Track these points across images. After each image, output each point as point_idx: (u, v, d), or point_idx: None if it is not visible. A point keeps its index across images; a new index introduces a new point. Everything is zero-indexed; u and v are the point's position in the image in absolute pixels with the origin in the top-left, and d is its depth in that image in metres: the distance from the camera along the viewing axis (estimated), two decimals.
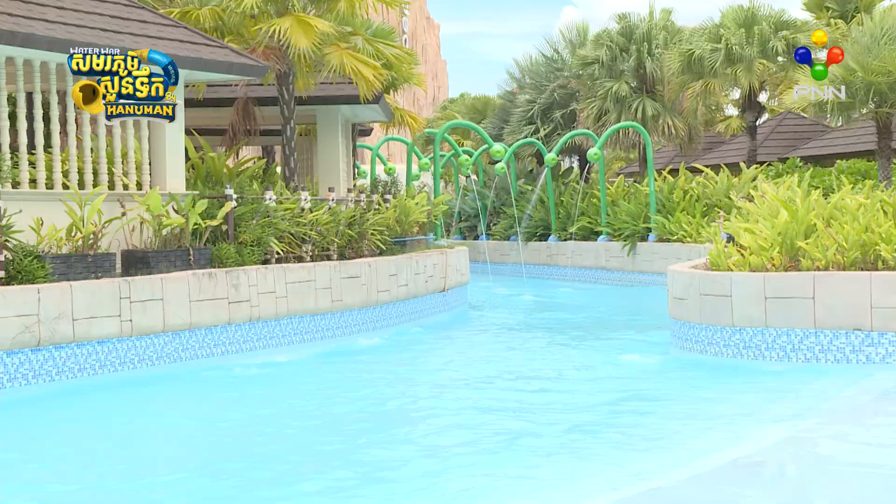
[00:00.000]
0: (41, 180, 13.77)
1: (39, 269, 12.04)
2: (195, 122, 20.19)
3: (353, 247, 17.64)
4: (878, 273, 12.16)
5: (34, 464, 8.47)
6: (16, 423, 10.05)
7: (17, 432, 9.69)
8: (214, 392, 11.91)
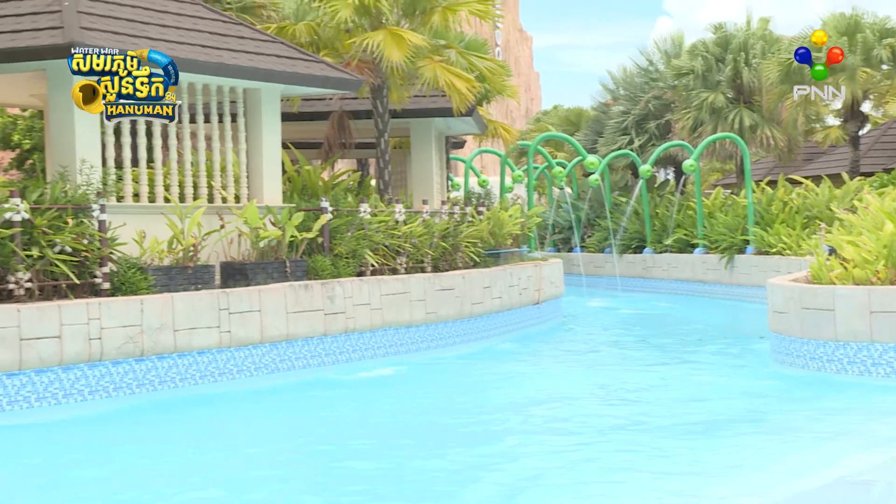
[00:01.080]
0: (144, 194, 14.14)
1: (142, 281, 12.37)
2: (291, 136, 20.52)
3: (446, 259, 17.72)
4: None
5: (151, 471, 8.68)
6: (125, 432, 10.29)
7: (129, 441, 9.92)
8: (312, 402, 12.06)
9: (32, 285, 11.41)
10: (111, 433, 10.26)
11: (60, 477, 8.43)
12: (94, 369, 11.33)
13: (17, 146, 23.94)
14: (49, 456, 9.26)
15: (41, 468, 8.76)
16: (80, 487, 8.07)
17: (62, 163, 13.25)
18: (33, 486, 8.14)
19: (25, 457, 9.19)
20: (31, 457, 9.20)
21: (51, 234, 11.70)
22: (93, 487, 8.09)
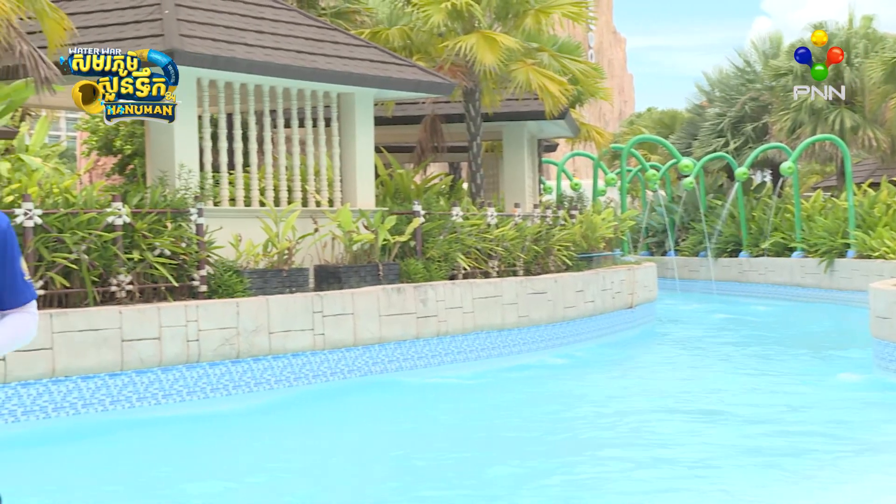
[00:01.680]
0: (240, 198, 14.39)
1: (238, 284, 12.58)
2: (384, 140, 20.68)
3: (538, 262, 17.67)
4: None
5: (250, 470, 8.83)
6: (227, 432, 10.48)
7: (232, 440, 10.10)
8: (406, 404, 12.13)
9: (133, 288, 11.69)
10: (219, 432, 10.42)
11: (160, 478, 8.62)
12: (192, 370, 11.56)
13: (118, 151, 24.54)
14: (154, 454, 9.47)
15: (145, 467, 8.97)
16: (190, 487, 8.24)
17: (162, 168, 13.55)
18: (151, 483, 8.33)
19: (139, 453, 9.42)
20: (139, 455, 9.42)
21: (151, 237, 11.97)
22: (195, 488, 8.25)
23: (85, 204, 11.84)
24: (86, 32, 13.78)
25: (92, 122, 25.71)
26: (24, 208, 10.95)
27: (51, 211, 11.34)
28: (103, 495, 7.89)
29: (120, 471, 8.70)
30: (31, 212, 10.97)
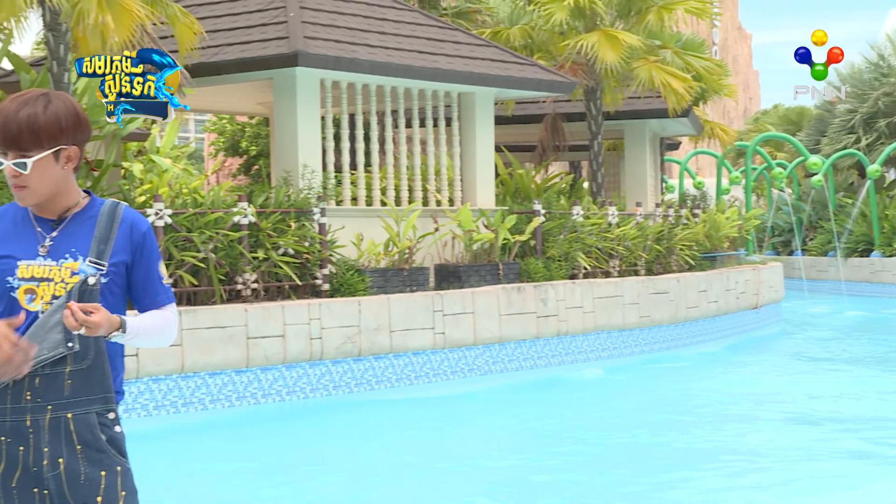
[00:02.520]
0: (361, 198, 14.58)
1: (360, 283, 12.74)
2: (504, 139, 20.70)
3: (660, 262, 17.46)
4: None
5: (372, 467, 8.95)
6: (347, 428, 10.62)
7: (353, 436, 10.25)
8: (527, 404, 12.11)
9: (258, 286, 11.94)
10: (339, 428, 10.58)
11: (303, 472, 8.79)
12: (315, 368, 11.76)
13: (244, 152, 25.14)
14: (303, 449, 9.66)
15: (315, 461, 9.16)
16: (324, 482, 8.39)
17: (286, 168, 13.82)
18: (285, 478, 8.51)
19: (266, 447, 9.62)
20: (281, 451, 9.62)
21: (275, 236, 12.21)
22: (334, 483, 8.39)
23: (212, 204, 12.15)
24: (214, 36, 14.14)
25: (220, 125, 26.38)
26: (155, 208, 11.29)
27: (180, 211, 11.66)
28: (236, 482, 8.09)
29: (249, 462, 8.89)
30: (162, 212, 11.31)
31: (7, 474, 3.21)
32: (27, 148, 3.14)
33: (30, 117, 3.13)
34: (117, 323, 3.20)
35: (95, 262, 3.23)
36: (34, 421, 3.20)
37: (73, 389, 3.22)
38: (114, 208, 3.32)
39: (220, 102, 18.32)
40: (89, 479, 3.22)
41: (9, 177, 3.17)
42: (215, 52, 13.98)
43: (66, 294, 3.19)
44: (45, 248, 3.23)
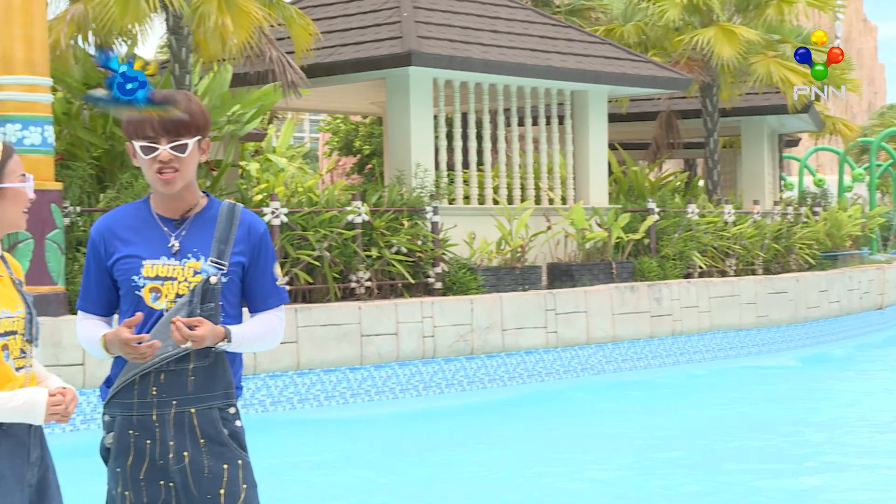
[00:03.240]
0: (474, 196, 14.64)
1: (472, 281, 12.79)
2: (618, 137, 20.53)
3: (778, 261, 17.12)
4: None
5: (507, 463, 9.00)
6: (462, 425, 10.68)
7: (467, 433, 10.30)
8: (640, 404, 12.01)
9: (372, 284, 12.09)
10: (454, 426, 10.63)
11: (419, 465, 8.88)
12: (427, 366, 11.85)
13: (358, 152, 25.45)
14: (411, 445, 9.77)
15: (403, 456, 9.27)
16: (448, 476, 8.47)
17: (399, 167, 13.95)
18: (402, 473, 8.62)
19: (383, 445, 9.75)
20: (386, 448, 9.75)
21: (388, 235, 12.35)
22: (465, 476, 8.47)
23: (327, 203, 12.34)
24: (329, 37, 14.36)
25: (334, 124, 26.77)
26: (272, 207, 11.51)
27: (296, 210, 11.88)
28: (350, 477, 8.21)
29: (364, 458, 9.01)
30: (278, 210, 11.53)
31: (135, 467, 3.33)
32: (182, 133, 3.27)
33: (184, 106, 3.27)
34: (222, 333, 3.29)
35: (216, 261, 3.33)
36: (160, 416, 3.32)
37: (196, 385, 3.33)
38: (232, 209, 3.42)
39: (335, 102, 18.58)
40: (212, 472, 3.32)
41: (159, 162, 3.28)
42: (330, 52, 14.20)
43: (189, 293, 3.29)
44: (175, 246, 3.34)
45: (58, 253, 9.72)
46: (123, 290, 3.36)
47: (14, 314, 3.18)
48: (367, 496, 7.81)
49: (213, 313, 3.30)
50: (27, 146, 9.53)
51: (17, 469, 3.14)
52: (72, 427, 9.48)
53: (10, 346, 3.14)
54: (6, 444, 3.12)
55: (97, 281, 3.40)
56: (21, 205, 3.20)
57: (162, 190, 3.32)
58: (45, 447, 3.29)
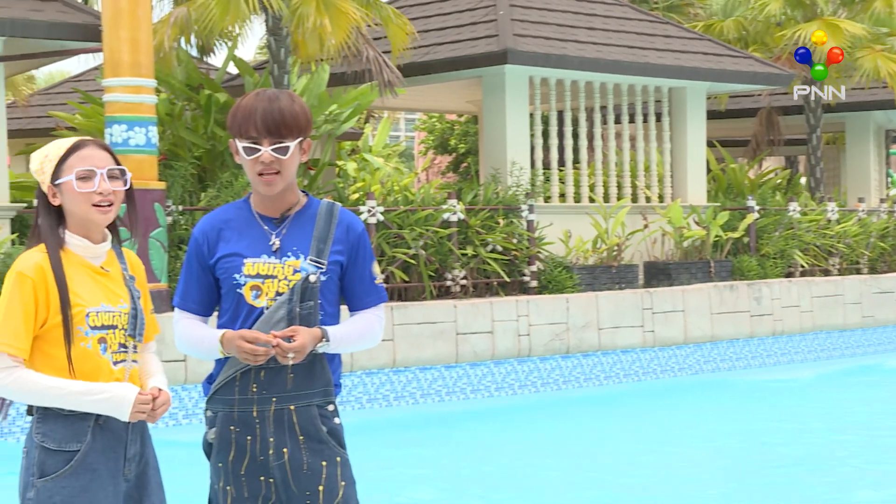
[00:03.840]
0: (569, 194, 14.56)
1: (568, 280, 12.73)
2: (717, 134, 20.22)
3: (885, 260, 16.68)
4: None
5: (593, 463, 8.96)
6: (563, 424, 10.63)
7: (574, 431, 10.26)
8: (740, 404, 11.82)
9: (467, 282, 12.11)
10: (551, 423, 10.59)
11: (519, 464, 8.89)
12: (523, 364, 11.83)
13: (453, 150, 25.50)
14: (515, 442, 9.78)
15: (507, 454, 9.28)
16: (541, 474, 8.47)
17: (494, 165, 13.95)
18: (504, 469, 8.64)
19: (480, 443, 9.77)
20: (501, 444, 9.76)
21: (484, 233, 12.35)
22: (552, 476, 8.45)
23: (422, 201, 12.39)
24: (425, 36, 14.42)
25: (429, 123, 26.89)
26: (368, 206, 11.60)
27: (392, 208, 11.95)
28: (446, 474, 8.24)
29: (462, 455, 9.03)
30: (374, 209, 11.62)
31: (236, 462, 3.38)
32: (285, 135, 3.29)
33: (286, 108, 3.30)
34: (319, 336, 3.31)
35: (316, 260, 3.36)
36: (260, 412, 3.36)
37: (296, 383, 3.36)
38: (331, 208, 3.45)
39: (430, 101, 18.65)
40: (311, 468, 3.36)
41: (261, 163, 3.32)
42: (426, 51, 14.25)
43: (288, 291, 3.33)
44: (275, 244, 3.38)
45: (161, 251, 9.93)
46: (225, 288, 3.40)
47: (115, 309, 3.24)
48: (460, 492, 7.82)
49: (312, 311, 3.33)
50: (132, 146, 9.74)
51: (111, 464, 3.20)
52: (175, 422, 9.68)
53: (108, 340, 3.21)
54: (102, 438, 3.18)
55: (198, 280, 3.45)
56: (81, 199, 3.23)
57: (262, 191, 3.36)
58: (147, 443, 3.34)
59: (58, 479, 3.13)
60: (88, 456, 3.15)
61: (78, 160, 3.21)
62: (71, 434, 3.15)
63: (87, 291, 3.21)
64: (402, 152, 38.27)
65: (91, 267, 3.26)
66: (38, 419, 3.18)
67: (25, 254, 3.23)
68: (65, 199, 3.23)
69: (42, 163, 3.24)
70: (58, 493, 3.12)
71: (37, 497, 3.13)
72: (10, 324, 3.13)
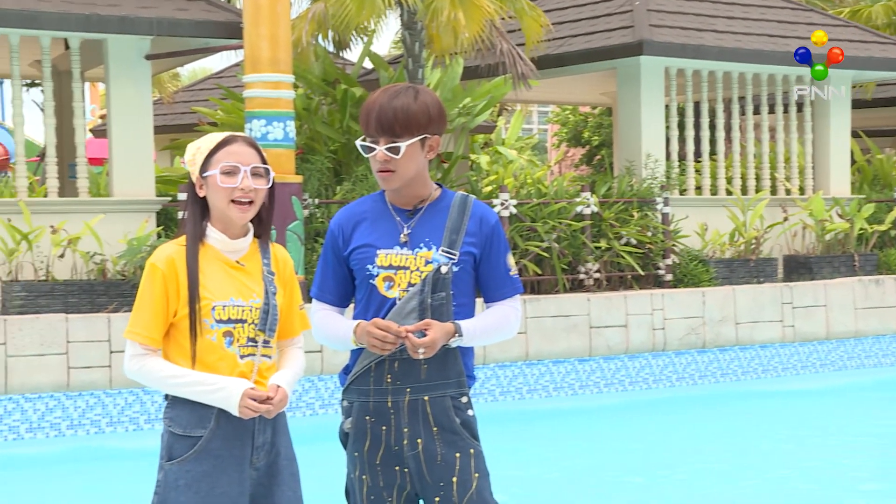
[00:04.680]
0: (706, 187, 14.29)
1: (704, 273, 12.51)
2: (862, 124, 19.54)
3: None
4: None
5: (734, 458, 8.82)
6: (697, 420, 10.47)
7: (711, 426, 10.11)
8: (883, 402, 11.43)
9: (600, 275, 12.01)
10: (701, 421, 10.44)
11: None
12: (657, 358, 11.67)
13: (586, 143, 25.32)
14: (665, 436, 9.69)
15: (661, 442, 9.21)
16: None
17: (628, 157, 13.79)
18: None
19: (622, 433, 9.71)
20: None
21: (617, 226, 12.22)
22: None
23: (556, 194, 12.34)
24: (559, 28, 14.34)
25: (562, 115, 26.75)
26: (501, 198, 11.61)
27: (525, 201, 11.93)
28: (589, 472, 8.20)
29: (606, 446, 8.98)
30: (508, 202, 11.61)
31: (372, 451, 3.42)
32: (399, 134, 3.32)
33: (403, 106, 3.31)
34: (452, 330, 3.32)
35: (448, 251, 3.38)
36: (394, 402, 3.39)
37: (430, 374, 3.38)
38: (464, 200, 3.46)
39: (564, 93, 18.54)
40: (445, 460, 3.38)
41: (377, 161, 3.36)
42: (560, 43, 14.17)
43: (420, 282, 3.36)
44: (406, 236, 3.40)
45: (298, 243, 10.13)
46: (359, 279, 3.45)
47: (246, 304, 3.30)
48: (592, 489, 7.77)
49: (444, 303, 3.35)
50: (270, 141, 9.95)
51: (236, 451, 3.26)
52: (311, 412, 9.87)
53: (234, 334, 3.27)
54: (227, 426, 3.26)
55: (334, 271, 3.51)
56: (223, 194, 3.29)
57: (382, 186, 3.41)
58: (280, 433, 3.39)
59: (183, 463, 3.23)
60: (212, 442, 3.23)
61: (226, 155, 3.29)
62: (196, 420, 3.24)
63: (216, 285, 3.28)
64: (534, 145, 38.17)
65: (227, 261, 3.33)
66: (168, 405, 3.29)
67: (162, 245, 3.33)
68: (209, 193, 3.31)
69: (194, 154, 3.33)
70: (182, 477, 3.21)
71: (164, 479, 3.25)
72: (141, 313, 3.25)
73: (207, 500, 3.20)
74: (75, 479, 8.05)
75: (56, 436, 9.07)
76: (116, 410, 9.29)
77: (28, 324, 9.11)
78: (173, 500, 3.21)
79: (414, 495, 3.44)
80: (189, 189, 3.35)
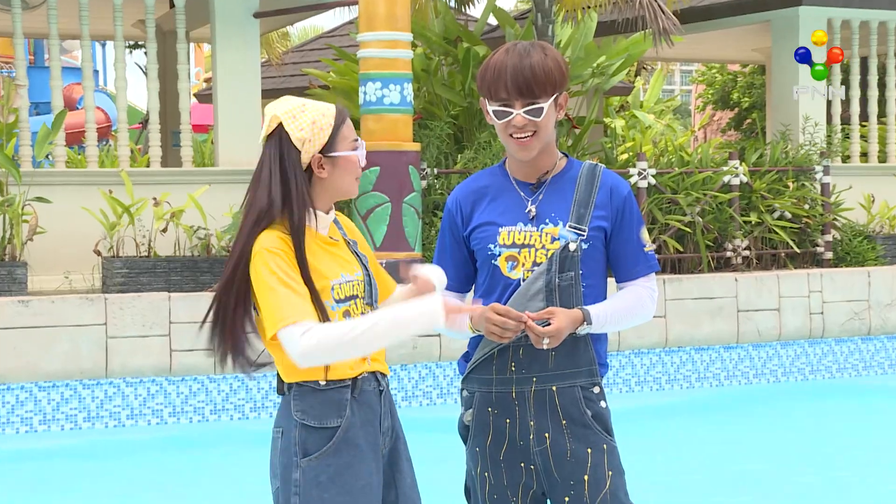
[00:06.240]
0: (873, 153, 13.90)
1: (870, 251, 12.20)
2: None
3: None
4: None
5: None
6: (859, 414, 10.24)
7: (868, 425, 9.89)
8: None
9: (750, 253, 11.80)
10: (864, 416, 10.21)
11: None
12: (814, 346, 11.42)
13: (735, 105, 24.83)
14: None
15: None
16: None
17: (783, 121, 13.49)
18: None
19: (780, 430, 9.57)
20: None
21: (770, 198, 11.98)
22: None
23: (700, 162, 12.15)
24: None
25: (709, 75, 26.31)
26: (639, 168, 11.47)
27: (665, 170, 11.77)
28: (734, 470, 8.10)
29: (755, 441, 8.86)
30: (646, 171, 11.47)
31: (495, 447, 3.41)
32: (538, 95, 3.27)
33: (539, 63, 3.26)
34: (580, 318, 3.27)
35: (575, 227, 3.34)
36: (519, 393, 3.38)
37: (558, 361, 3.35)
38: (592, 170, 3.41)
39: (710, 50, 18.22)
40: (575, 455, 3.34)
41: (514, 126, 3.31)
42: None
43: (546, 261, 3.32)
44: (532, 211, 3.38)
45: (415, 217, 10.16)
46: (480, 259, 3.44)
47: (353, 277, 3.31)
48: (737, 488, 7.66)
49: (573, 283, 3.31)
50: (386, 105, 10.00)
51: (370, 438, 3.29)
52: (429, 401, 9.95)
53: (351, 312, 3.28)
54: (360, 412, 3.26)
55: (452, 254, 3.50)
56: (353, 173, 3.29)
57: (518, 156, 3.36)
58: (396, 416, 3.42)
59: (322, 458, 3.21)
60: (349, 431, 3.23)
61: (349, 130, 3.31)
62: (331, 409, 3.23)
63: (325, 265, 3.26)
64: (676, 108, 37.62)
65: (321, 237, 3.30)
66: (295, 396, 3.25)
67: (261, 236, 3.22)
68: (334, 172, 3.28)
69: (313, 131, 3.26)
70: (323, 472, 3.21)
71: (303, 477, 3.22)
72: (278, 301, 3.13)
73: (352, 493, 3.21)
74: (176, 469, 8.27)
75: (158, 423, 9.34)
76: (221, 397, 9.52)
77: (129, 302, 9.36)
78: (316, 498, 3.20)
79: (541, 495, 3.41)
80: (295, 166, 3.27)
